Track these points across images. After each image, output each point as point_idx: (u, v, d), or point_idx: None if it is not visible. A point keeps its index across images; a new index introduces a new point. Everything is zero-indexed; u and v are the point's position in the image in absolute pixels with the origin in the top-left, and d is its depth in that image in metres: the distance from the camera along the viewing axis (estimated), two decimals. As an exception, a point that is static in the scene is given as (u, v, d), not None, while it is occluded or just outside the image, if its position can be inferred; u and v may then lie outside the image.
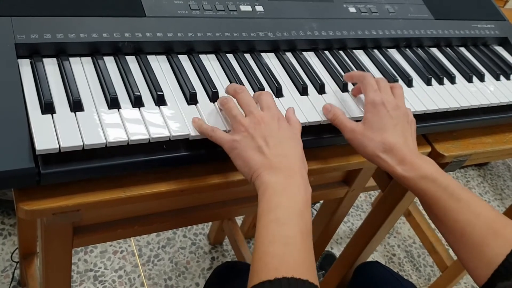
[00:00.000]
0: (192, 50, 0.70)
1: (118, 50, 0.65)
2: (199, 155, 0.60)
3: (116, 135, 0.54)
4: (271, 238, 0.50)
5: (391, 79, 0.78)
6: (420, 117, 0.76)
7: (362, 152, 0.63)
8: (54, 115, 0.54)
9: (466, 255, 0.58)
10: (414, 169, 0.60)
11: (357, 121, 0.65)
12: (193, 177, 0.62)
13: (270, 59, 0.75)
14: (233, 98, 0.61)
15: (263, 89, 0.67)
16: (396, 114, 0.63)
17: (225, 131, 0.60)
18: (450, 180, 0.60)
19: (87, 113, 0.56)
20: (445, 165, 0.81)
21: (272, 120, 0.57)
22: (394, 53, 0.86)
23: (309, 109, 0.68)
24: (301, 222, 0.52)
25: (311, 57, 0.78)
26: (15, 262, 1.38)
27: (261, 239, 0.51)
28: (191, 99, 0.62)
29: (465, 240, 0.57)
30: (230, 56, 0.72)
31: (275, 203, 0.52)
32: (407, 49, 0.88)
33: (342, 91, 0.73)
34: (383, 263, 1.22)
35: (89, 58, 0.63)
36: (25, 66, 0.59)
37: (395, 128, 0.62)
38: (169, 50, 0.68)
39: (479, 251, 0.56)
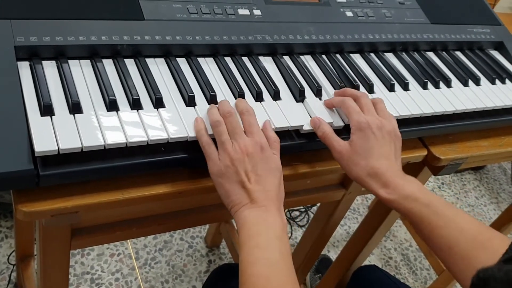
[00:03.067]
0: (191, 53, 0.70)
1: (117, 53, 0.65)
2: (197, 157, 0.60)
3: (114, 138, 0.55)
4: (254, 261, 0.54)
5: (387, 83, 0.79)
6: (416, 121, 0.76)
7: (348, 173, 0.65)
8: (53, 117, 0.54)
9: (455, 268, 0.59)
10: (396, 191, 0.62)
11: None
12: (191, 179, 0.62)
13: (267, 62, 0.75)
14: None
15: (261, 92, 0.68)
16: (381, 135, 0.64)
17: None
18: (433, 197, 0.62)
19: (86, 115, 0.56)
20: (441, 168, 0.82)
21: (255, 150, 0.59)
22: (390, 57, 0.87)
23: (307, 112, 0.68)
24: (281, 245, 0.55)
25: (308, 60, 0.79)
26: (11, 264, 1.38)
27: (245, 264, 0.54)
28: (189, 102, 0.63)
29: (452, 254, 0.59)
30: (228, 59, 0.72)
31: (254, 232, 0.56)
32: (403, 53, 0.89)
33: (339, 95, 0.74)
34: (380, 266, 1.23)
35: (88, 61, 0.64)
36: (24, 68, 0.59)
37: (379, 151, 0.63)
38: (167, 53, 0.69)
39: (467, 264, 0.58)
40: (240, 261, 0.55)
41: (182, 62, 0.69)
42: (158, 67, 0.67)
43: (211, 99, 0.64)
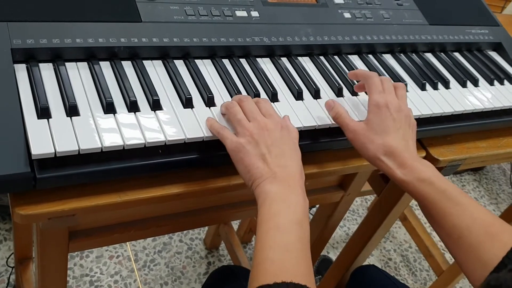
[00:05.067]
0: (188, 55, 0.70)
1: (114, 55, 0.65)
2: (195, 159, 0.60)
3: (111, 140, 0.54)
4: (271, 244, 0.51)
5: (385, 84, 0.79)
6: (415, 122, 0.76)
7: (363, 153, 0.64)
8: (50, 119, 0.54)
9: (463, 258, 0.58)
10: (412, 173, 0.61)
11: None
12: (189, 181, 0.62)
13: (265, 64, 0.75)
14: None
15: (259, 94, 0.68)
16: (398, 117, 0.64)
17: None
18: (448, 184, 0.61)
19: (83, 118, 0.56)
20: (439, 169, 0.82)
21: (275, 127, 0.58)
22: (388, 58, 0.87)
23: (305, 114, 0.68)
24: (300, 230, 0.53)
25: (306, 62, 0.79)
26: (10, 267, 1.38)
27: (260, 246, 0.52)
28: (187, 104, 0.63)
29: (462, 243, 0.58)
30: (225, 61, 0.72)
31: (275, 211, 0.53)
32: (401, 54, 0.89)
33: (337, 96, 0.74)
34: (379, 267, 1.22)
35: (85, 63, 0.63)
36: (21, 71, 0.59)
37: (397, 131, 0.63)
38: (165, 55, 0.68)
39: (475, 254, 0.57)
40: (256, 241, 0.53)
41: (180, 64, 0.69)
42: (155, 69, 0.67)
43: (209, 101, 0.64)
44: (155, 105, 0.61)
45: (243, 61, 0.74)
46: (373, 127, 0.63)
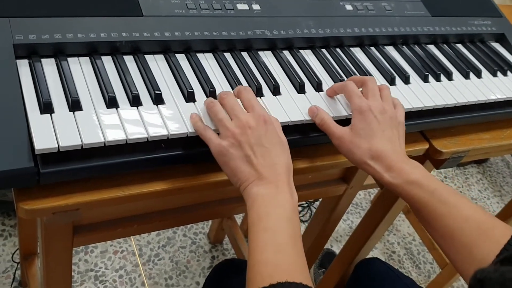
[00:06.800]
0: (190, 49, 0.70)
1: (116, 50, 0.65)
2: (198, 153, 0.60)
3: (114, 135, 0.55)
4: (263, 247, 0.52)
5: (388, 76, 0.79)
6: (418, 114, 0.76)
7: (350, 159, 0.64)
8: (52, 115, 0.54)
9: (456, 257, 0.58)
10: (401, 175, 0.60)
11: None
12: (192, 175, 0.62)
13: (267, 57, 0.75)
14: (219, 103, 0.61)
15: (261, 88, 0.68)
16: (383, 119, 0.63)
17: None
18: (438, 184, 0.60)
19: (86, 113, 0.56)
20: (442, 161, 0.82)
21: (257, 124, 0.57)
22: (391, 50, 0.87)
23: (307, 107, 0.68)
24: (289, 228, 0.53)
25: (308, 55, 0.79)
26: (16, 262, 1.38)
27: (253, 248, 0.52)
28: (189, 98, 0.63)
29: (455, 243, 0.58)
30: (227, 55, 0.72)
31: (264, 213, 0.54)
32: (404, 46, 0.88)
33: (340, 89, 0.74)
34: (383, 260, 1.23)
35: (87, 58, 0.63)
36: (23, 66, 0.59)
37: (382, 134, 0.62)
38: (166, 49, 0.68)
39: (469, 253, 0.56)
40: (249, 243, 0.53)
41: (181, 58, 0.69)
42: (157, 64, 0.67)
43: (211, 95, 0.64)
44: (157, 100, 0.61)
45: (244, 54, 0.74)
46: (358, 132, 0.62)
